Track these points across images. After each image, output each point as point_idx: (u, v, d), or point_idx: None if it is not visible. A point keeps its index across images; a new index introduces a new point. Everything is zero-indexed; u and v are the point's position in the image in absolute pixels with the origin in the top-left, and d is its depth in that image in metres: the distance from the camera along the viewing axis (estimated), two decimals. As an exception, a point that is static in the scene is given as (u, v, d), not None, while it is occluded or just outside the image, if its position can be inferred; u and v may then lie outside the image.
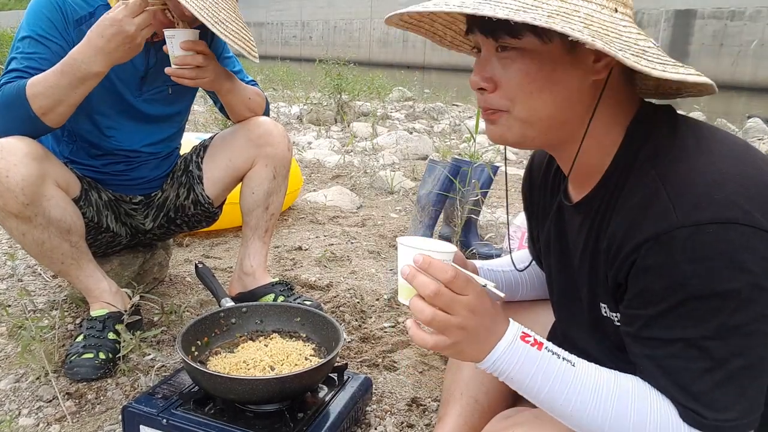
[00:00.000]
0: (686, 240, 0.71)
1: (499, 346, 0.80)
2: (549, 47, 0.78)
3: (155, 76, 1.73)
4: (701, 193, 0.73)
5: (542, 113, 0.82)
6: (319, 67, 7.70)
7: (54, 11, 1.55)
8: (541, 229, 1.06)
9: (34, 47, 1.53)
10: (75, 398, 1.50)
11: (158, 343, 1.77)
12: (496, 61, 0.82)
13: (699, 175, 0.74)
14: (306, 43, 24.74)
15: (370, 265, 2.48)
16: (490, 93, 0.83)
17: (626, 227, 0.78)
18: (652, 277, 0.75)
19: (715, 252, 0.70)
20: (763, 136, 6.02)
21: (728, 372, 0.72)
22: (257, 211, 1.90)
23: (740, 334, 0.71)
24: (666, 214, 0.73)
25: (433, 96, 9.19)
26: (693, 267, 0.71)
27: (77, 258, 1.65)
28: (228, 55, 1.91)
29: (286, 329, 1.53)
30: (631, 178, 0.81)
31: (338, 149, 4.99)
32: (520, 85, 0.81)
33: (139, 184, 1.87)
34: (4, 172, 1.45)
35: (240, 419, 1.23)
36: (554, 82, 0.80)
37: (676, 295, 0.73)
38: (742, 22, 13.27)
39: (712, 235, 0.70)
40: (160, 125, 1.83)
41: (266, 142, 1.85)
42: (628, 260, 0.78)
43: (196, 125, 5.51)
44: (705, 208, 0.71)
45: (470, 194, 2.58)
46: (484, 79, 0.83)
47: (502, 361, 0.80)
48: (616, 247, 0.80)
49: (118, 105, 1.72)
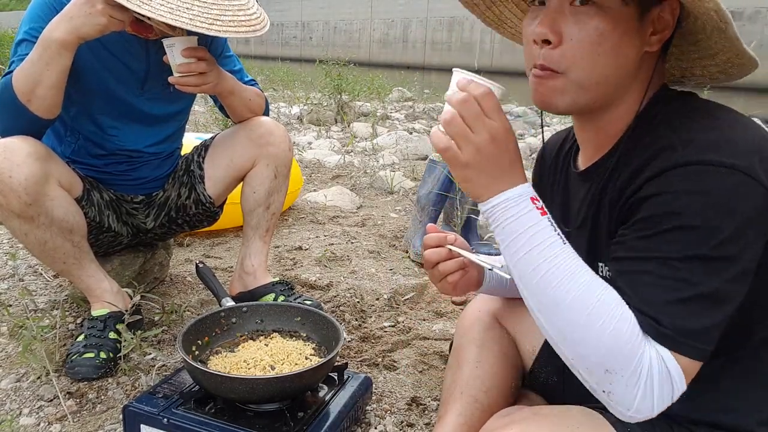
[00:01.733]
0: (689, 174, 0.74)
1: (506, 192, 0.80)
2: (627, 9, 0.78)
3: (156, 75, 1.73)
4: (711, 141, 0.76)
5: (600, 78, 0.82)
6: (319, 68, 7.70)
7: (50, 12, 1.55)
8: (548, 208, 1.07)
9: (30, 48, 1.53)
10: (76, 398, 1.50)
11: (159, 343, 1.77)
12: (570, 15, 0.80)
13: (708, 132, 0.77)
14: (306, 44, 24.75)
15: (370, 264, 2.48)
16: (552, 48, 0.81)
17: (633, 173, 0.80)
18: (648, 205, 0.77)
19: (713, 190, 0.73)
20: (762, 136, 6.03)
21: (693, 293, 0.74)
22: (258, 210, 1.90)
23: (714, 266, 0.74)
24: (673, 153, 0.76)
25: (433, 96, 9.20)
26: (689, 198, 0.74)
27: (79, 258, 1.66)
28: (228, 54, 1.92)
29: (287, 329, 1.53)
30: (646, 138, 0.83)
31: (338, 149, 4.99)
32: (591, 45, 0.79)
33: (141, 184, 1.87)
34: (7, 172, 1.46)
35: (240, 418, 1.24)
36: (620, 46, 0.80)
37: (666, 222, 0.75)
38: (741, 23, 13.27)
39: (713, 174, 0.73)
40: (162, 124, 1.83)
41: (267, 141, 1.86)
42: (632, 198, 0.80)
43: (196, 125, 5.51)
44: (712, 151, 0.74)
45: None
46: (553, 31, 0.80)
47: (502, 208, 0.80)
48: (623, 192, 0.82)
49: (119, 107, 1.72)
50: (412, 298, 2.14)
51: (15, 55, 1.55)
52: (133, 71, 1.70)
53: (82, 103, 1.66)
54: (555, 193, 1.05)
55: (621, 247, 0.81)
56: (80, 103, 1.65)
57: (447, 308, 2.08)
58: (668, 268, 0.75)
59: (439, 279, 1.05)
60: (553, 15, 0.81)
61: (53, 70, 1.45)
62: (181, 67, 1.56)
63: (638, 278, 0.77)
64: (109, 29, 1.45)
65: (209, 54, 1.62)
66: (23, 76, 1.45)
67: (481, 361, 1.16)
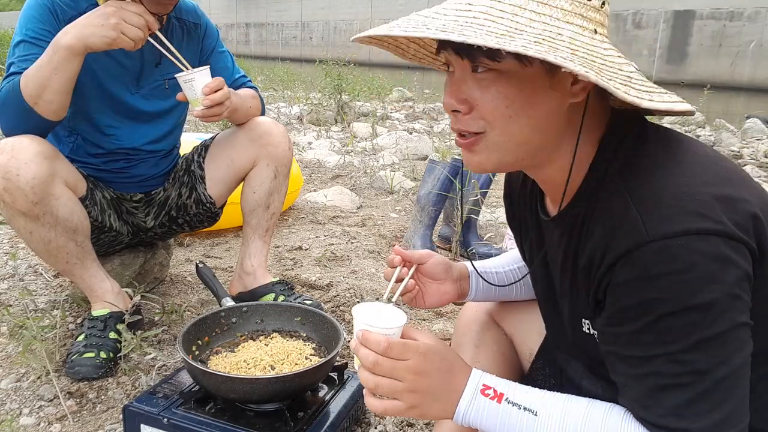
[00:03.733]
0: (656, 254, 0.70)
1: (461, 404, 0.81)
2: (528, 70, 0.75)
3: (150, 71, 1.73)
4: (670, 205, 0.72)
5: (519, 137, 0.79)
6: (319, 68, 7.70)
7: (45, 12, 1.56)
8: (525, 239, 1.06)
9: (29, 49, 1.54)
10: (76, 397, 1.50)
11: (159, 343, 1.77)
12: (471, 82, 0.78)
13: (667, 187, 0.73)
14: (306, 44, 24.74)
15: (370, 264, 2.48)
16: (464, 115, 0.80)
17: (600, 246, 0.77)
18: (626, 293, 0.74)
19: (686, 265, 0.69)
20: (761, 136, 6.02)
21: (711, 382, 0.71)
22: (258, 210, 1.90)
23: (718, 344, 0.70)
24: (636, 229, 0.72)
25: (433, 96, 9.20)
26: (665, 281, 0.70)
27: (82, 258, 1.66)
28: (221, 50, 1.92)
29: (287, 329, 1.53)
30: (601, 193, 0.80)
31: (338, 149, 4.99)
32: (497, 109, 0.77)
33: (139, 182, 1.87)
34: (14, 171, 1.46)
35: (240, 418, 1.24)
36: (533, 106, 0.77)
37: (652, 311, 0.71)
38: (741, 23, 13.27)
39: (682, 247, 0.69)
40: (158, 121, 1.83)
41: (267, 141, 1.86)
42: (604, 279, 0.77)
43: (196, 125, 5.50)
44: (674, 220, 0.70)
45: (470, 194, 2.58)
46: (460, 101, 0.79)
47: (467, 416, 0.82)
48: (594, 266, 0.79)
49: (115, 105, 1.72)
50: (412, 298, 2.13)
51: (13, 56, 1.55)
52: (128, 69, 1.70)
53: (78, 103, 1.66)
54: (530, 229, 1.03)
55: (617, 342, 0.77)
56: (77, 103, 1.65)
57: (447, 308, 2.08)
58: (676, 364, 0.72)
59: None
60: (458, 84, 0.80)
61: (61, 75, 1.46)
62: (207, 101, 1.58)
63: (649, 382, 0.74)
64: (117, 45, 1.46)
65: (225, 83, 1.64)
66: (31, 79, 1.46)
67: (479, 362, 1.16)
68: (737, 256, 0.70)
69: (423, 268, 1.11)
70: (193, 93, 1.58)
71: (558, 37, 0.71)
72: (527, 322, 1.18)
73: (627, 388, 0.78)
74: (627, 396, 0.78)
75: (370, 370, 0.82)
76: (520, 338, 1.21)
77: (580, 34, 0.74)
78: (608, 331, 0.79)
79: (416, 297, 1.13)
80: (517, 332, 1.21)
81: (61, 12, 1.58)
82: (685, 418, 0.72)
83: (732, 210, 0.71)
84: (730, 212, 0.71)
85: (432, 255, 1.12)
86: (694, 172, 0.75)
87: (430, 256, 1.12)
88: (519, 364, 1.21)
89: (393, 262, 1.08)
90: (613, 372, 0.80)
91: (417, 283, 1.12)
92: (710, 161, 0.77)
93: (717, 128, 6.39)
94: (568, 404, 0.80)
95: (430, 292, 1.13)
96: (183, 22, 1.81)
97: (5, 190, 1.48)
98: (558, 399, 0.81)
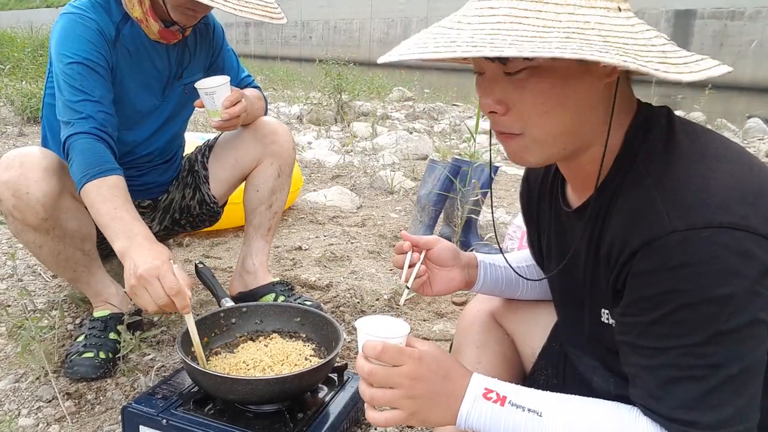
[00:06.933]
0: (679, 245, 0.70)
1: (463, 408, 0.80)
2: (561, 62, 0.75)
3: (173, 81, 1.75)
4: (695, 197, 0.71)
5: (557, 130, 0.79)
6: (319, 67, 7.69)
7: (96, 35, 1.54)
8: (543, 235, 1.06)
9: (90, 76, 1.50)
10: (74, 398, 1.50)
11: (158, 344, 1.77)
12: (505, 82, 0.78)
13: (693, 180, 0.73)
14: (306, 43, 24.73)
15: (370, 265, 2.48)
16: (501, 116, 0.80)
17: (623, 235, 0.77)
18: (646, 283, 0.74)
19: (708, 257, 0.68)
20: (763, 136, 6.02)
21: (724, 377, 0.71)
22: (261, 208, 1.90)
23: (735, 339, 0.70)
24: (659, 219, 0.72)
25: (433, 96, 9.18)
26: (686, 272, 0.69)
27: (89, 265, 1.68)
28: (228, 48, 1.92)
29: (286, 329, 1.53)
30: (627, 183, 0.80)
31: (338, 149, 4.99)
32: (534, 106, 0.77)
33: (149, 189, 1.88)
34: (24, 189, 1.47)
35: (240, 419, 1.23)
36: (568, 95, 0.77)
37: (670, 301, 0.71)
38: (742, 23, 13.26)
39: (705, 239, 0.69)
40: (170, 124, 1.84)
41: (272, 140, 1.87)
42: (625, 268, 0.77)
43: (196, 125, 5.50)
44: (698, 212, 0.70)
45: (470, 194, 2.58)
46: (496, 102, 0.79)
47: (470, 420, 0.80)
48: (614, 255, 0.79)
49: (139, 119, 1.73)
50: (412, 299, 2.13)
51: (65, 74, 1.49)
52: (158, 80, 1.71)
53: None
54: (549, 224, 1.02)
55: (633, 332, 0.77)
56: None
57: (447, 309, 2.08)
58: (690, 357, 0.71)
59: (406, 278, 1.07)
60: (491, 85, 0.79)
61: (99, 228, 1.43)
62: (227, 113, 1.62)
63: (663, 374, 0.74)
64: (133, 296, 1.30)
65: (243, 93, 1.66)
66: (89, 203, 1.42)
67: (481, 362, 1.15)
68: (760, 252, 0.69)
69: (431, 254, 1.10)
70: (213, 104, 1.60)
71: (586, 26, 0.70)
72: (530, 322, 1.18)
73: (638, 379, 0.77)
74: (638, 387, 0.77)
75: (366, 381, 0.82)
76: (522, 338, 1.20)
77: (606, 16, 0.72)
78: (624, 321, 0.79)
79: (423, 284, 1.11)
80: (520, 332, 1.21)
81: (108, 33, 1.57)
82: (696, 410, 0.72)
83: (757, 205, 0.71)
84: (756, 207, 0.70)
85: (440, 240, 1.12)
86: (720, 166, 0.75)
87: (438, 242, 1.11)
88: (521, 365, 1.20)
89: (402, 248, 1.07)
90: (626, 363, 0.80)
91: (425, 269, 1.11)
92: (735, 155, 0.77)
93: (718, 128, 6.38)
94: (572, 404, 0.80)
95: (437, 278, 1.12)
96: (197, 25, 1.80)
97: (15, 207, 1.49)
98: (562, 399, 0.81)
